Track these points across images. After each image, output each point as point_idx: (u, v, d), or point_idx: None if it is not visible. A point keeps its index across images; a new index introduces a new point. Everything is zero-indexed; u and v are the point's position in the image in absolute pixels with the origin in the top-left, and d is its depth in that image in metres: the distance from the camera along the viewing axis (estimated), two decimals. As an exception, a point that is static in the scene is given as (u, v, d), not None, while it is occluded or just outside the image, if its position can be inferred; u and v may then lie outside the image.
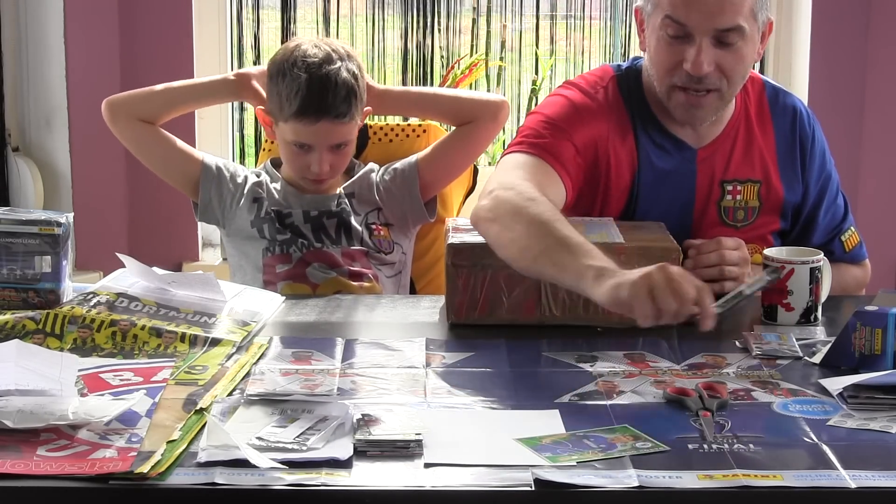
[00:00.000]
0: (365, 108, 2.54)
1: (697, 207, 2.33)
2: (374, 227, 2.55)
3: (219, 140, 3.67)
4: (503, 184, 2.13)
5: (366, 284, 2.49)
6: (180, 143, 2.60)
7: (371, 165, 2.63)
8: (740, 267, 2.19)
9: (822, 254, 2.14)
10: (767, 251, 2.13)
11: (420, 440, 1.59)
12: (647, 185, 2.31)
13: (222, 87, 2.62)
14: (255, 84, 2.56)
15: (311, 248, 2.51)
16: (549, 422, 1.68)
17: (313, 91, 2.45)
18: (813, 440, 1.63)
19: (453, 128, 2.65)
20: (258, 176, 2.59)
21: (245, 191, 2.56)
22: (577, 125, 2.27)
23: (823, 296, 2.14)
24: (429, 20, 3.71)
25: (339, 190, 2.57)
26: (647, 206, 2.31)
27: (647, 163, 2.31)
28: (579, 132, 2.27)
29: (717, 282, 2.14)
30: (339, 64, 2.47)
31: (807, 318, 2.10)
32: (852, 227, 2.46)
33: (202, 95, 2.66)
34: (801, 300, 2.10)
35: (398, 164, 2.62)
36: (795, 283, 2.09)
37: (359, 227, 2.53)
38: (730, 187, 2.33)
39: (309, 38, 2.56)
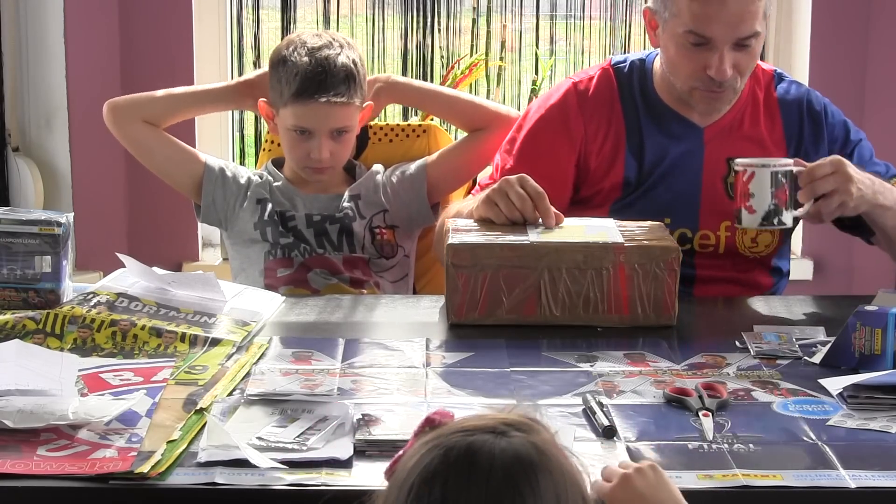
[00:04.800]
0: (366, 103, 2.54)
1: (705, 183, 2.42)
2: (377, 230, 2.55)
3: (219, 140, 3.67)
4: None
5: (365, 292, 2.48)
6: (182, 144, 2.60)
7: (376, 167, 2.62)
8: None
9: (792, 161, 2.17)
10: (738, 159, 2.19)
11: (420, 440, 1.59)
12: (652, 163, 2.41)
13: (229, 95, 2.64)
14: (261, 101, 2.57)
15: (313, 253, 2.51)
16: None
17: (312, 72, 2.45)
18: (813, 440, 1.63)
19: (455, 128, 2.65)
20: (261, 177, 2.58)
21: (248, 192, 2.56)
22: (542, 148, 2.43)
23: (801, 210, 2.15)
24: (429, 20, 3.70)
25: (345, 192, 2.56)
26: (654, 183, 2.41)
27: (653, 141, 2.41)
28: (546, 153, 2.42)
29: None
30: (338, 50, 2.48)
31: (769, 220, 2.16)
32: None
33: (207, 101, 2.68)
34: (763, 203, 2.15)
35: (406, 167, 2.61)
36: (756, 186, 2.15)
37: (361, 233, 2.53)
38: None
39: (310, 31, 2.57)
